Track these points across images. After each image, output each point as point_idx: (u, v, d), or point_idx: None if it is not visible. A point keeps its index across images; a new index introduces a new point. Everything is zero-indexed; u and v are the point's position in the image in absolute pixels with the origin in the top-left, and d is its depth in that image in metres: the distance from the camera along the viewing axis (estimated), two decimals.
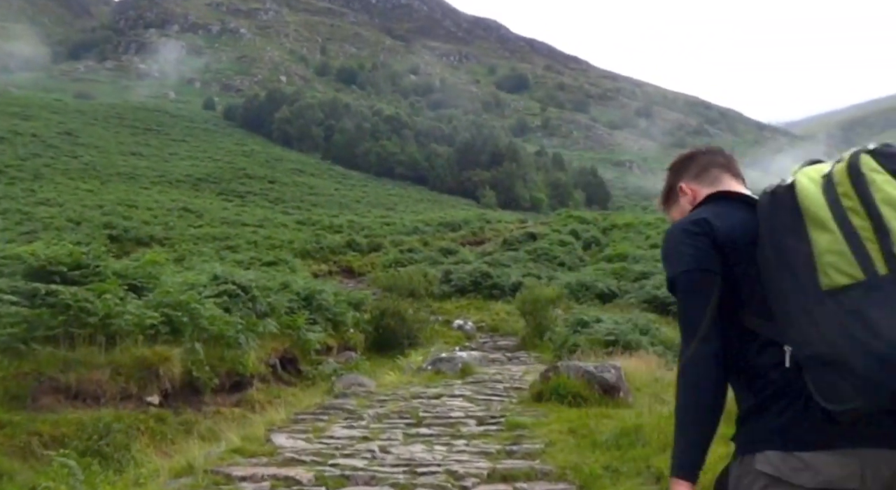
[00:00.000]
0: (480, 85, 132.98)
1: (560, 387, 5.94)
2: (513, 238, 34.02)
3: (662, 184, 2.02)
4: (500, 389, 7.13)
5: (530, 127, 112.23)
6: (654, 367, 7.26)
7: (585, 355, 10.60)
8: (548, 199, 65.34)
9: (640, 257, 29.51)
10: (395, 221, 41.15)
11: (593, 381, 5.97)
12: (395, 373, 9.00)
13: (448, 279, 24.34)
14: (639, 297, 21.51)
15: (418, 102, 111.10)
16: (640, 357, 8.07)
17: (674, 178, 1.96)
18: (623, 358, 8.03)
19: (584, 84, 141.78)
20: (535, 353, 15.35)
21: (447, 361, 8.40)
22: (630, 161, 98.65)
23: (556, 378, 6.07)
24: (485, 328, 19.54)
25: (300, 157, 73.41)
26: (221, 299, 10.25)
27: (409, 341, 16.58)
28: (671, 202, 1.96)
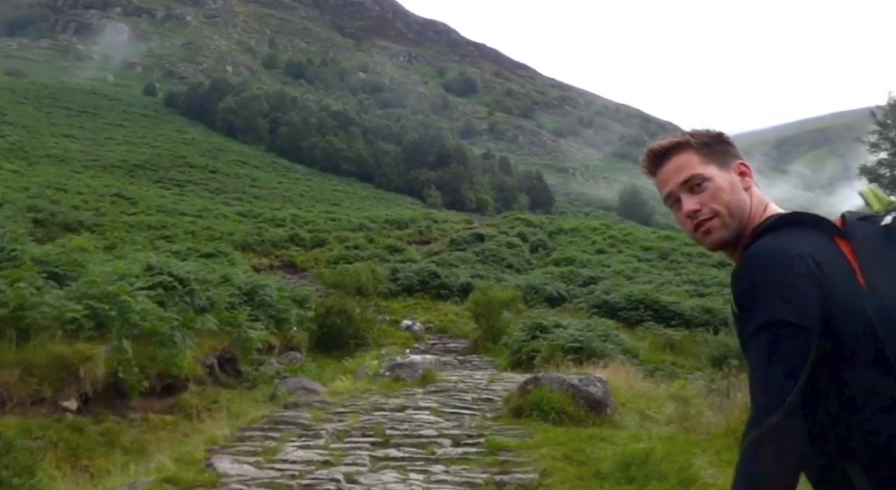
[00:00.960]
0: (429, 86, 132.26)
1: (542, 401, 5.26)
2: (460, 238, 33.43)
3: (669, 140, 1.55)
4: (468, 401, 6.41)
5: (477, 130, 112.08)
6: (632, 379, 6.66)
7: (549, 363, 9.97)
8: (493, 201, 65.14)
9: (587, 262, 29.37)
10: (341, 217, 40.04)
11: (578, 395, 5.32)
12: (347, 378, 8.16)
13: (395, 278, 23.54)
14: (589, 302, 21.15)
15: (367, 100, 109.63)
16: (613, 367, 7.47)
17: (727, 147, 1.53)
18: (595, 367, 7.41)
19: (531, 91, 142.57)
20: (487, 356, 14.71)
21: (407, 367, 7.62)
22: (573, 168, 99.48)
23: (537, 391, 5.39)
24: (433, 329, 18.80)
25: (244, 149, 71.25)
26: (156, 292, 9.20)
27: (356, 341, 15.72)
28: (711, 158, 1.49)
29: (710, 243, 1.48)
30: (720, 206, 1.44)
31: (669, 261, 31.11)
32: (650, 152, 1.54)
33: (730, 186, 1.46)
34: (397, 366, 7.67)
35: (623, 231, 37.90)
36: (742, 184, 1.48)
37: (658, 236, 37.27)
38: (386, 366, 7.77)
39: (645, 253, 32.13)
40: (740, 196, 1.47)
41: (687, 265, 30.27)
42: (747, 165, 1.52)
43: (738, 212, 1.45)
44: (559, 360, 9.61)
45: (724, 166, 1.49)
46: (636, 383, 6.55)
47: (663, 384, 7.20)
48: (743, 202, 1.46)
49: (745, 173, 1.50)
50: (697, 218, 1.45)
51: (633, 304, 20.45)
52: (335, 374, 12.17)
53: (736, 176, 1.49)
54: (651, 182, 1.59)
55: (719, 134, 1.54)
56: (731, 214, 1.45)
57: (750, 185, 1.49)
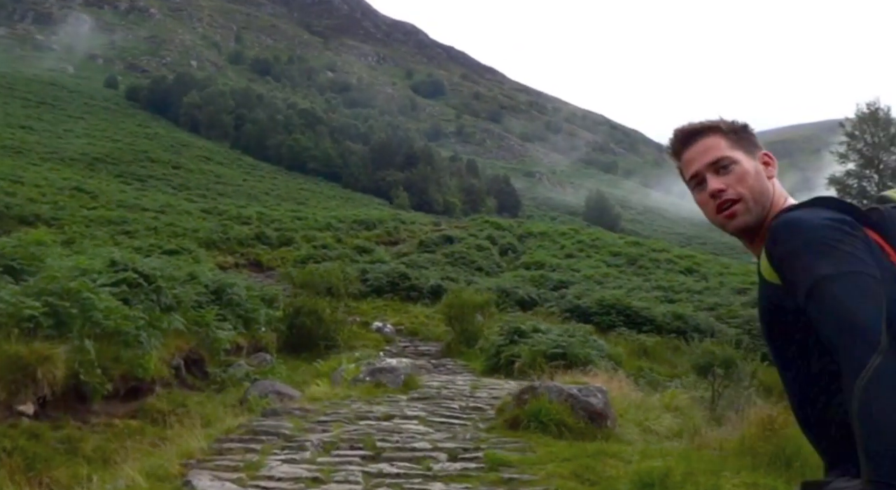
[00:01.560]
0: (397, 87, 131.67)
1: (541, 412, 4.96)
2: (429, 240, 33.09)
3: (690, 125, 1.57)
4: (456, 409, 6.09)
5: (445, 132, 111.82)
6: (626, 389, 6.41)
7: (530, 370, 9.70)
8: (461, 204, 64.97)
9: (557, 266, 29.28)
10: (308, 216, 39.38)
11: (577, 406, 5.03)
12: (323, 383, 7.77)
13: (364, 279, 23.11)
14: (561, 306, 20.99)
15: (334, 99, 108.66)
16: (601, 376, 7.21)
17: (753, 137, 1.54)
18: (584, 375, 7.14)
19: (499, 95, 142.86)
20: (461, 360, 14.39)
21: (388, 372, 7.26)
22: (540, 172, 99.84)
23: (534, 401, 5.09)
24: (404, 331, 18.43)
25: (208, 145, 69.92)
26: (120, 289, 8.68)
27: (326, 343, 15.27)
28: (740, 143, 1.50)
29: (732, 227, 1.47)
30: (745, 189, 1.44)
31: (637, 266, 31.22)
32: (680, 133, 1.54)
33: (755, 172, 1.46)
34: (378, 371, 7.30)
35: (591, 236, 38.00)
36: (766, 173, 1.49)
37: (626, 242, 37.44)
38: (365, 370, 7.39)
39: (613, 258, 32.20)
40: (764, 183, 1.47)
41: (655, 271, 30.40)
42: (771, 156, 1.52)
43: (761, 198, 1.45)
44: (541, 366, 9.34)
45: (750, 154, 1.49)
46: (629, 393, 6.30)
47: (653, 393, 6.96)
48: (766, 189, 1.47)
49: (768, 163, 1.51)
50: (721, 197, 1.45)
51: (604, 308, 20.34)
52: (307, 377, 11.74)
53: (760, 164, 1.49)
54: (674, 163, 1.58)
55: (745, 124, 1.55)
56: (755, 200, 1.44)
57: (773, 174, 1.50)
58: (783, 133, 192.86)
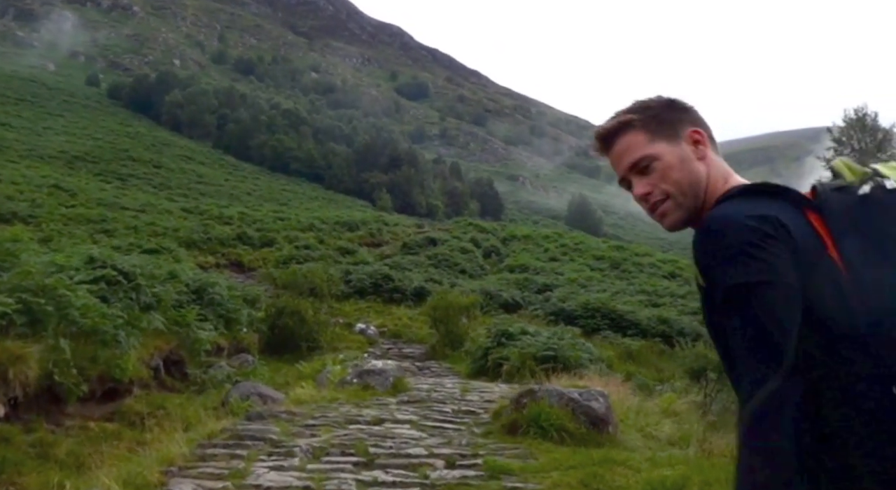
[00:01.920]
0: (381, 89, 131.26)
1: (541, 417, 4.74)
2: (413, 242, 32.85)
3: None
4: (448, 413, 5.85)
5: (428, 135, 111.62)
6: (623, 393, 6.21)
7: (519, 373, 9.49)
8: (444, 206, 64.76)
9: (541, 269, 29.15)
10: (290, 217, 38.94)
11: (579, 410, 4.82)
12: (308, 385, 7.50)
13: (347, 280, 22.83)
14: (545, 309, 20.84)
15: (318, 100, 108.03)
16: (594, 379, 7.01)
17: (676, 115, 1.41)
18: (581, 379, 6.94)
19: (483, 98, 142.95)
20: (446, 363, 14.17)
21: (376, 375, 7.00)
22: (523, 176, 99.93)
23: (533, 405, 4.87)
24: (387, 333, 18.17)
25: (190, 144, 69.14)
26: (98, 287, 8.36)
27: (309, 344, 15.00)
28: (658, 134, 1.39)
29: (667, 225, 1.41)
30: (670, 186, 1.36)
31: (621, 270, 31.19)
32: (596, 136, 1.46)
33: (680, 162, 1.36)
34: (365, 373, 7.04)
35: (574, 240, 37.95)
36: (696, 154, 1.37)
37: (609, 246, 37.45)
38: (353, 372, 7.13)
39: (597, 262, 32.14)
40: (692, 171, 1.36)
41: (638, 275, 30.38)
42: (701, 132, 1.39)
43: (691, 188, 1.36)
44: (531, 369, 9.12)
45: (674, 139, 1.38)
46: (626, 397, 6.11)
47: (647, 398, 6.77)
48: (696, 175, 1.36)
49: (698, 141, 1.38)
50: (649, 201, 1.39)
51: (589, 312, 20.22)
52: (289, 379, 11.45)
53: (688, 146, 1.38)
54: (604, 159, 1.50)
55: (669, 101, 1.43)
56: (684, 193, 1.36)
57: (705, 154, 1.38)
58: (764, 140, 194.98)
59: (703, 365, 8.36)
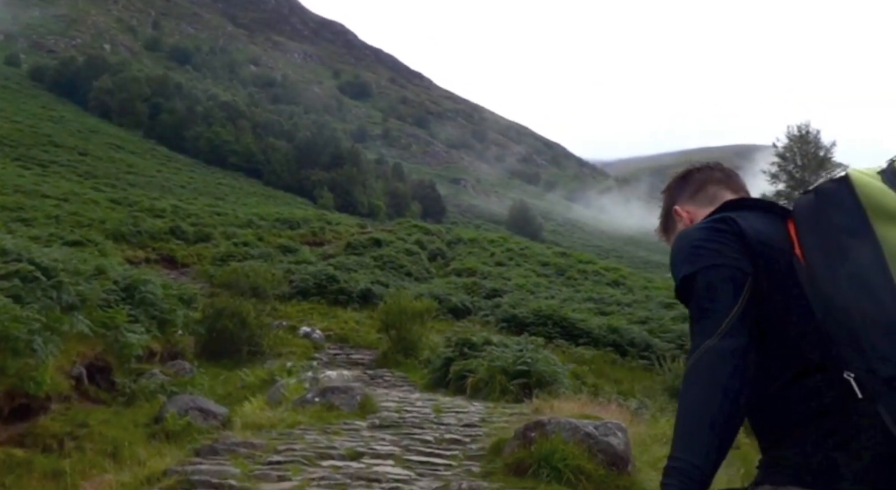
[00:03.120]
0: (323, 87, 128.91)
1: (554, 456, 3.99)
2: (357, 242, 31.79)
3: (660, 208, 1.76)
4: (431, 442, 5.05)
5: (371, 135, 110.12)
6: (623, 419, 5.52)
7: (487, 387, 8.76)
8: (385, 207, 63.77)
9: (488, 274, 28.58)
10: (227, 212, 37.32)
11: (596, 448, 4.10)
12: (258, 401, 6.56)
13: (290, 280, 21.69)
14: (496, 315, 20.22)
15: (258, 94, 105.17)
16: (588, 402, 6.31)
17: (669, 201, 1.70)
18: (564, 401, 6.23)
19: (426, 100, 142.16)
20: (399, 371, 13.33)
21: (341, 392, 6.12)
22: (465, 180, 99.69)
23: (545, 441, 4.11)
24: (333, 337, 17.16)
25: (119, 132, 66.02)
26: (11, 284, 7.21)
27: (251, 349, 13.91)
28: (669, 229, 1.68)
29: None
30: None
31: (566, 277, 30.93)
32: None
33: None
34: (329, 390, 6.15)
35: (520, 245, 37.61)
36: (684, 226, 1.60)
37: (553, 252, 37.25)
38: (314, 390, 6.22)
39: (543, 268, 31.81)
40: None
41: (584, 282, 30.18)
42: (677, 207, 1.65)
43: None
44: (502, 384, 8.38)
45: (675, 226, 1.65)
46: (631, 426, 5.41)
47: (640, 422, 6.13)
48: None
49: (680, 215, 1.64)
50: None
51: (541, 319, 19.72)
52: (231, 389, 10.39)
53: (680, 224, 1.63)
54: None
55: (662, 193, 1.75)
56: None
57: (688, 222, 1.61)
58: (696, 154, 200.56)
59: None
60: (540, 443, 4.10)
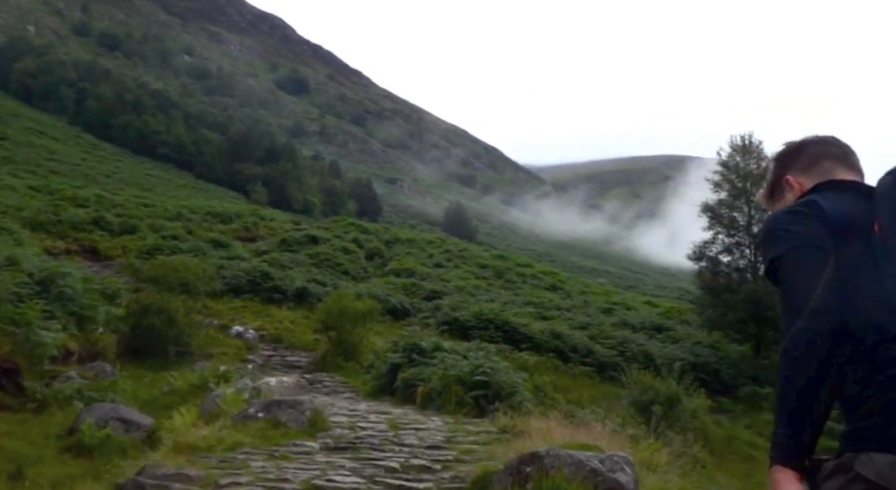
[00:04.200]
0: (260, 80, 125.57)
1: None
2: (292, 239, 30.67)
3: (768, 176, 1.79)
4: (396, 468, 4.40)
5: (307, 131, 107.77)
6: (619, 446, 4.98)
7: (440, 398, 8.14)
8: (321, 204, 62.38)
9: (427, 275, 27.97)
10: (155, 204, 35.49)
11: (603, 486, 3.53)
12: (190, 414, 5.74)
13: (221, 276, 20.51)
14: (437, 318, 19.63)
15: (191, 85, 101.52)
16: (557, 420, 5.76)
17: (780, 170, 1.73)
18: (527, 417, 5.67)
19: (365, 99, 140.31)
20: (339, 376, 12.56)
21: (288, 407, 5.36)
22: (401, 180, 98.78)
23: (542, 478, 3.51)
24: (267, 337, 16.20)
25: (42, 117, 62.40)
26: None
27: (178, 349, 12.89)
28: (776, 197, 1.73)
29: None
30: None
31: (505, 280, 30.65)
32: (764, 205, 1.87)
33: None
34: (274, 404, 5.38)
35: (458, 246, 37.18)
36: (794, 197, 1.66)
37: (491, 254, 36.97)
38: (257, 404, 5.43)
39: (482, 270, 31.44)
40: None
41: (522, 286, 29.96)
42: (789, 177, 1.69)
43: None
44: (458, 396, 7.77)
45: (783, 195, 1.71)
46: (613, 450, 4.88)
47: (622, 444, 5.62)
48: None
49: (791, 185, 1.69)
50: None
51: (483, 323, 19.24)
52: (157, 393, 9.43)
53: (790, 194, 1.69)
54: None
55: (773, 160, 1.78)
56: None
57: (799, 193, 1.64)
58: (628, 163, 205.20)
59: (651, 398, 7.35)
60: (538, 480, 3.48)
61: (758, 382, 18.37)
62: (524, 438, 5.13)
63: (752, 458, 14.59)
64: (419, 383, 8.88)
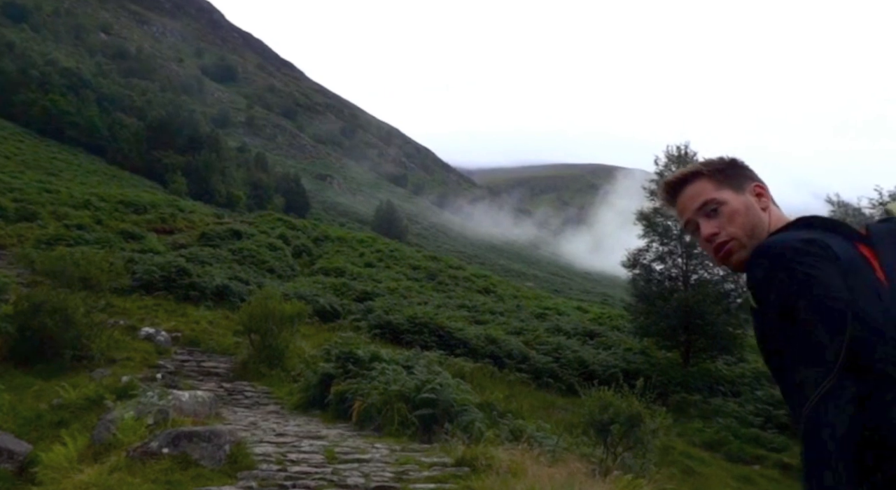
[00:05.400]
0: (184, 65, 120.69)
1: None
2: (213, 232, 29.01)
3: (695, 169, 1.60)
4: None
5: (233, 121, 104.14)
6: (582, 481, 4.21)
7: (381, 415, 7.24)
8: (246, 197, 60.10)
9: (358, 275, 26.87)
10: (60, 190, 33.05)
11: None
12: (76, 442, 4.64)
13: (132, 271, 18.90)
14: (369, 321, 18.62)
15: (107, 65, 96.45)
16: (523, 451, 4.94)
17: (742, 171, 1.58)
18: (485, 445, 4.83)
19: (295, 92, 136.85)
20: (262, 385, 11.45)
21: (202, 440, 4.30)
22: (331, 177, 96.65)
23: None
24: (181, 340, 14.82)
25: None
26: None
27: (76, 353, 11.49)
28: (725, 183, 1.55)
29: (732, 265, 1.51)
30: (737, 228, 1.49)
31: (437, 282, 29.92)
32: (666, 185, 1.62)
33: (745, 208, 1.51)
34: (184, 437, 4.31)
35: (389, 246, 36.19)
36: (759, 204, 1.52)
37: (424, 256, 36.16)
38: (162, 436, 4.35)
39: (414, 272, 30.60)
40: (756, 216, 1.51)
41: (455, 288, 29.29)
42: (763, 187, 1.55)
43: (755, 231, 1.49)
44: (402, 415, 6.88)
45: (739, 189, 1.53)
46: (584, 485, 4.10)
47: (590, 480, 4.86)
48: (760, 222, 1.50)
49: (761, 194, 1.54)
50: (715, 241, 1.51)
51: (417, 327, 18.42)
52: (43, 409, 8.12)
53: (752, 197, 1.53)
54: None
55: (732, 160, 1.59)
56: (749, 235, 1.49)
57: (767, 205, 1.53)
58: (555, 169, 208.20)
59: (610, 417, 6.68)
60: None
61: (686, 390, 18.34)
62: (491, 476, 4.28)
63: (693, 471, 14.33)
64: (355, 398, 7.94)
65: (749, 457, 14.60)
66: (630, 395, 7.02)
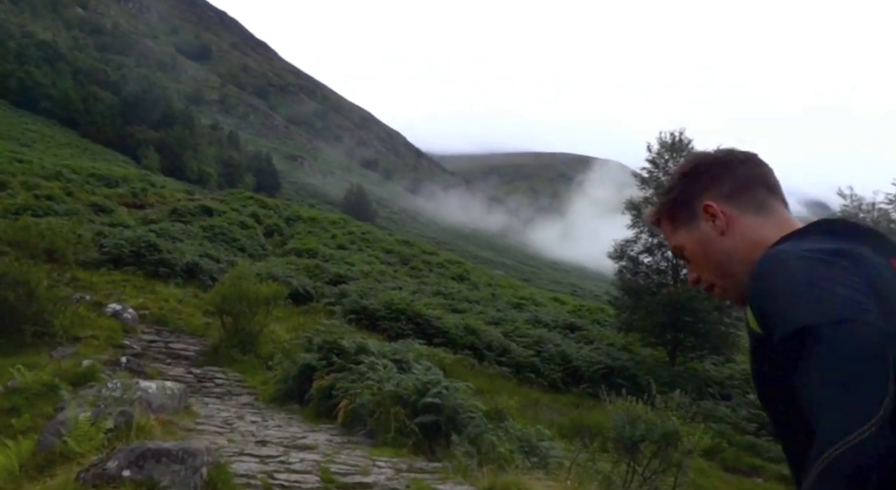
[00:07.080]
0: (159, 42, 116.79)
1: None
2: (184, 209, 27.57)
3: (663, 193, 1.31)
4: None
5: (207, 99, 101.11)
6: None
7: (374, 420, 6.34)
8: (217, 175, 58.22)
9: (330, 257, 25.76)
10: (32, 160, 31.26)
11: None
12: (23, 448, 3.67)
13: (100, 244, 17.57)
14: (344, 306, 17.58)
15: (83, 39, 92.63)
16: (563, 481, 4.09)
17: (693, 188, 1.26)
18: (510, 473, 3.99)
19: (269, 72, 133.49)
20: (234, 371, 10.42)
21: (173, 462, 3.32)
22: (302, 157, 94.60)
23: None
24: (149, 318, 13.65)
25: None
26: None
27: (37, 329, 10.35)
28: (679, 221, 1.28)
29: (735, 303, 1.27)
30: (706, 272, 1.26)
31: (410, 267, 28.93)
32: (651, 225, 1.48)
33: (701, 247, 1.25)
34: (151, 456, 3.32)
35: (361, 229, 35.05)
36: (714, 230, 1.23)
37: (396, 239, 35.10)
38: (122, 453, 3.36)
39: (386, 255, 29.56)
40: (717, 251, 1.23)
41: (429, 274, 28.35)
42: (712, 206, 1.23)
43: (723, 268, 1.23)
44: (400, 421, 5.99)
45: (691, 222, 1.26)
46: None
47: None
48: (723, 255, 1.23)
49: (714, 215, 1.23)
50: (702, 288, 1.29)
51: (393, 313, 17.46)
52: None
53: (707, 223, 1.24)
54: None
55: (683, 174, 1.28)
56: (721, 275, 1.24)
57: (723, 227, 1.22)
58: (526, 158, 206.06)
59: (642, 434, 5.81)
60: None
61: (672, 390, 17.56)
62: None
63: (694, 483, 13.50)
64: (341, 396, 7.00)
65: (746, 467, 13.46)
66: (665, 410, 6.13)
